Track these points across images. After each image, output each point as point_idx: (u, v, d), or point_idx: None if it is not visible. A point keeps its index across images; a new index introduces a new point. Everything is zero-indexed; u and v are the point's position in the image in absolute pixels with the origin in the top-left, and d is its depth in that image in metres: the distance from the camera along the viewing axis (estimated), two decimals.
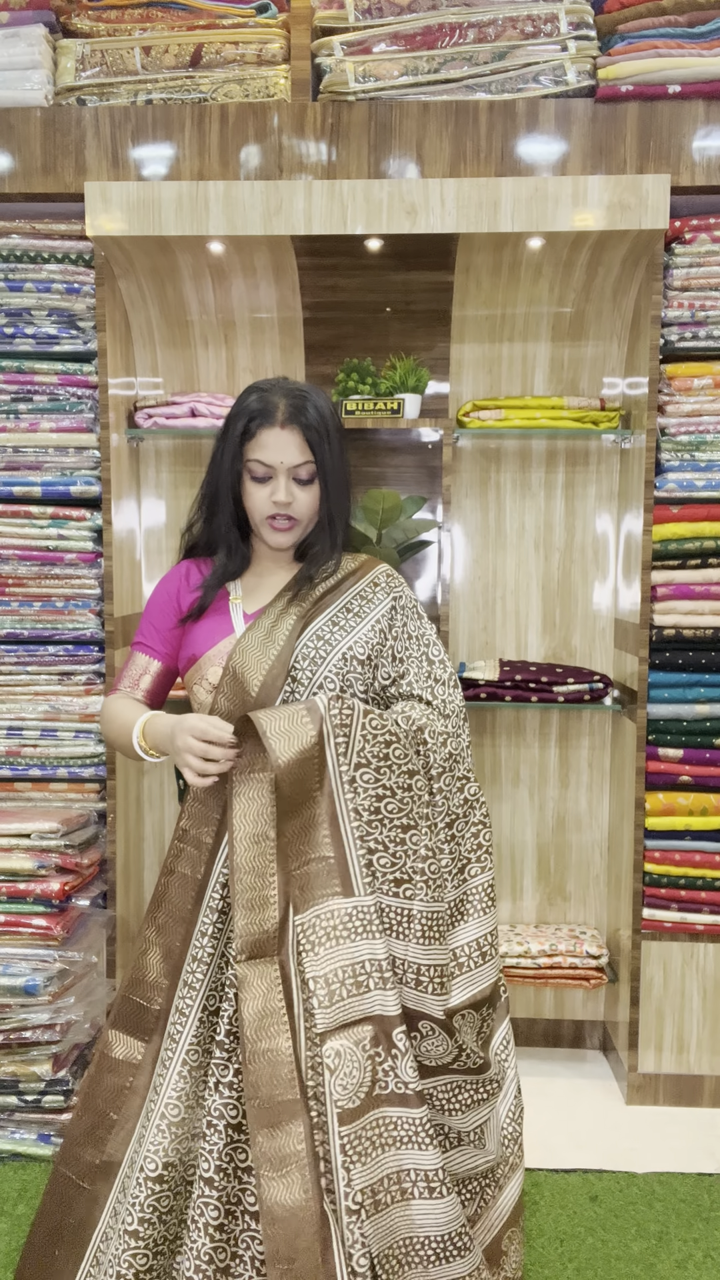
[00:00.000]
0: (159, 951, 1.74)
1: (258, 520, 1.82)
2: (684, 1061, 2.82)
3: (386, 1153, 1.57)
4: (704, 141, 2.60)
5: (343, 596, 1.83)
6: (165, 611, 1.89)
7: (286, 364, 3.04)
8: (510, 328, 3.02)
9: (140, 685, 1.90)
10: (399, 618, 1.84)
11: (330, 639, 1.78)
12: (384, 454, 3.10)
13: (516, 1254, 1.82)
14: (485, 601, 3.12)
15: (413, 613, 1.87)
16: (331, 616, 1.80)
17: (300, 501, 1.80)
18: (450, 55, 2.66)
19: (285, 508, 1.79)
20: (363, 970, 1.59)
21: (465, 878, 1.76)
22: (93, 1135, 1.74)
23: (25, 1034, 2.48)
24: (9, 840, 2.56)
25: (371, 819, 1.64)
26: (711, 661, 2.73)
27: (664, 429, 2.73)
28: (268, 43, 2.69)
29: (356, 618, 1.81)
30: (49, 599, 2.81)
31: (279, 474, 1.79)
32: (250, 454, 1.79)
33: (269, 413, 1.78)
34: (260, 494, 1.80)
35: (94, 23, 2.74)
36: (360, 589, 1.84)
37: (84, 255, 2.73)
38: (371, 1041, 1.57)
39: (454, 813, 1.75)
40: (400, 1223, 1.58)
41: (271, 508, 1.79)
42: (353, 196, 2.59)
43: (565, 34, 2.64)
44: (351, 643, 1.78)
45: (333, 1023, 1.55)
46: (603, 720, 3.08)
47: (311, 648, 1.77)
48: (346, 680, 1.77)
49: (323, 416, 1.81)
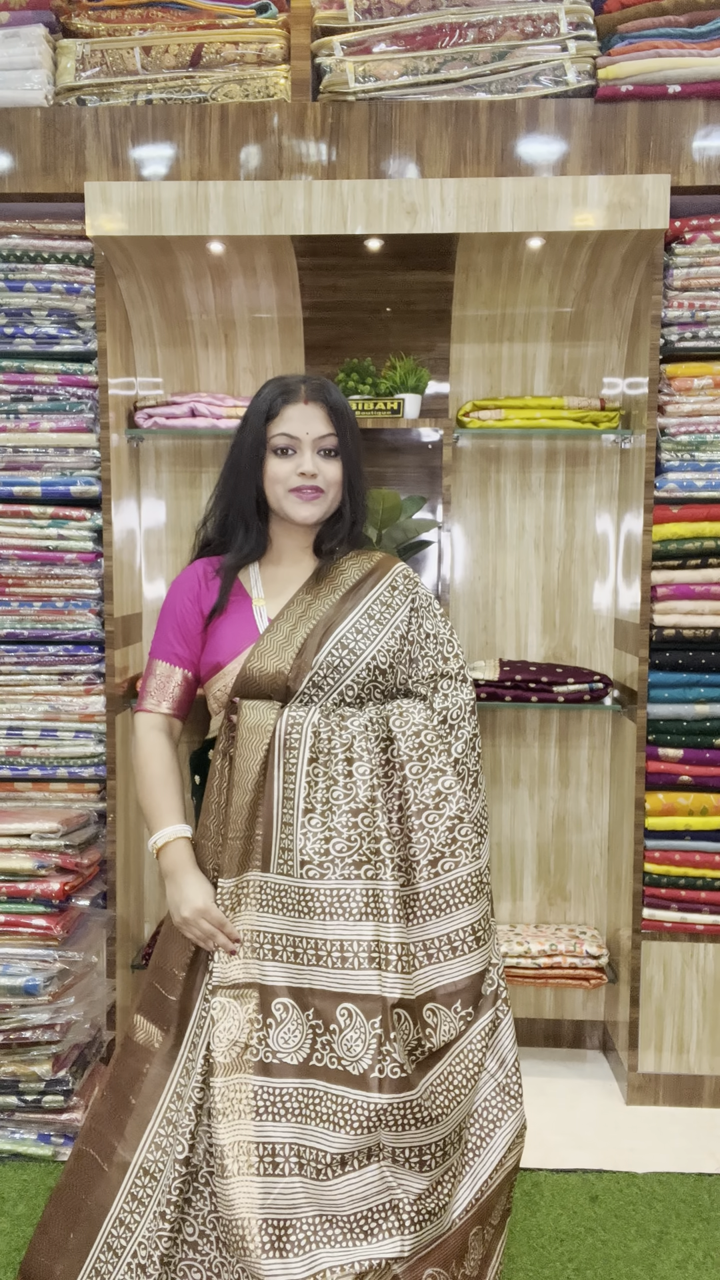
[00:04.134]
0: (179, 941, 1.77)
1: (280, 495, 1.82)
2: (684, 1061, 2.82)
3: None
4: (704, 141, 2.60)
5: (364, 601, 1.84)
6: (188, 614, 1.87)
7: (286, 364, 3.04)
8: (510, 328, 3.02)
9: (168, 695, 1.87)
10: (416, 620, 1.86)
11: (355, 648, 1.80)
12: (384, 454, 3.10)
13: (481, 1256, 1.74)
14: (485, 601, 3.12)
15: (428, 612, 1.89)
16: (355, 624, 1.81)
17: (325, 473, 1.82)
18: (450, 55, 2.66)
19: (312, 479, 1.80)
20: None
21: (438, 871, 1.73)
22: (115, 1118, 1.77)
23: (25, 1034, 2.48)
24: (9, 840, 2.56)
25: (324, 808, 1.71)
26: (711, 661, 2.73)
27: (664, 429, 2.73)
28: (268, 43, 2.69)
29: (379, 624, 1.83)
30: (49, 599, 2.81)
31: (304, 446, 1.81)
32: (274, 430, 1.81)
33: (292, 391, 1.82)
34: (284, 467, 1.81)
35: (94, 23, 2.74)
36: (380, 594, 1.86)
37: (84, 255, 2.73)
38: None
39: (424, 803, 1.74)
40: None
41: (297, 480, 1.80)
42: (353, 196, 2.59)
43: (565, 34, 2.64)
44: (375, 651, 1.80)
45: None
46: (603, 720, 3.08)
47: (336, 656, 1.78)
48: (366, 689, 1.80)
49: (344, 402, 1.85)
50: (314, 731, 1.73)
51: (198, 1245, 1.68)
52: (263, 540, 1.88)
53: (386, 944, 1.66)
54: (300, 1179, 1.61)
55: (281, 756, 1.72)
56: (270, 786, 1.72)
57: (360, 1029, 1.62)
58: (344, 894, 1.67)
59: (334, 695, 1.77)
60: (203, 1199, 1.67)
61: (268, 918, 1.71)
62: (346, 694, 1.78)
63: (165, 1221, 1.66)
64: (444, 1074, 1.69)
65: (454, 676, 1.85)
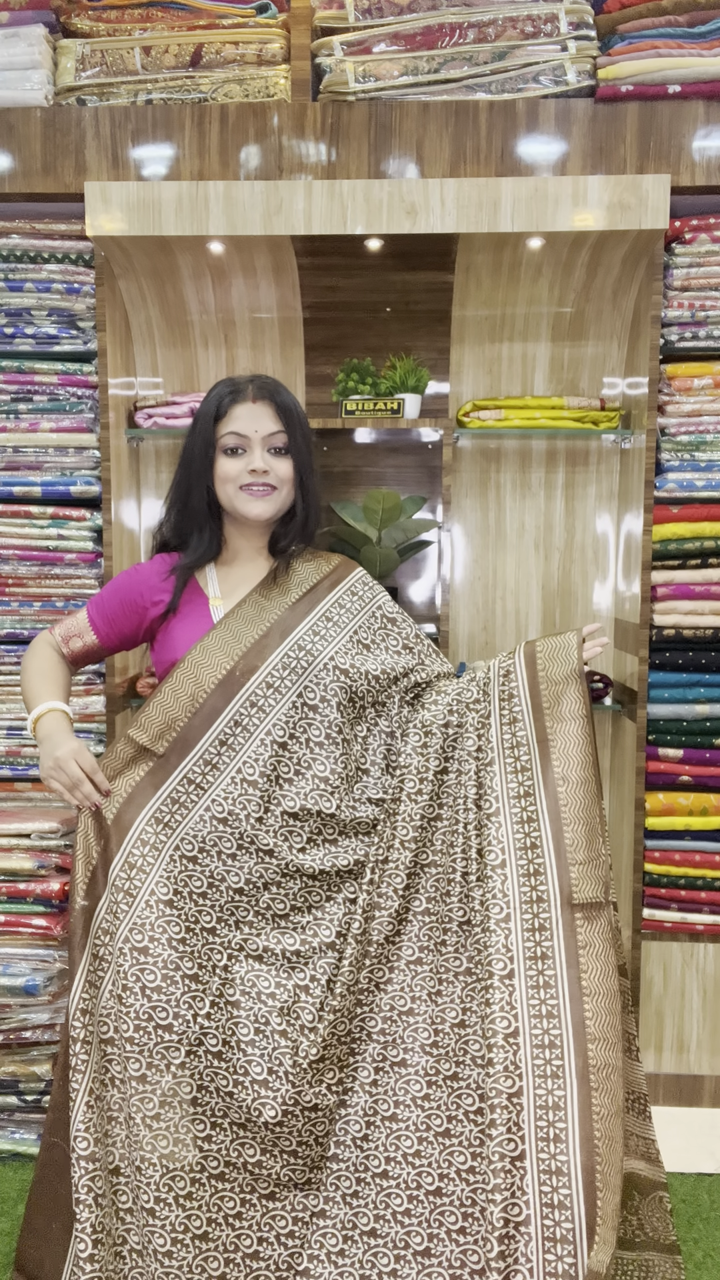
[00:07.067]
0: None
1: (232, 493, 1.84)
2: (684, 1061, 2.82)
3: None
4: (704, 141, 2.60)
5: (321, 605, 1.85)
6: (129, 601, 1.91)
7: (286, 364, 3.04)
8: (510, 328, 3.02)
9: (70, 645, 1.94)
10: (376, 624, 1.89)
11: (312, 649, 1.81)
12: (384, 454, 3.10)
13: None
14: (485, 601, 3.12)
15: (393, 614, 1.93)
16: (312, 626, 1.83)
17: (276, 471, 1.83)
18: (450, 55, 2.66)
19: (263, 475, 1.81)
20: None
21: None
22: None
23: (25, 1034, 2.48)
24: (9, 840, 2.56)
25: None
26: (711, 661, 2.73)
27: (664, 429, 2.73)
28: (268, 43, 2.69)
29: (336, 627, 1.84)
30: (49, 599, 2.81)
31: (253, 444, 1.82)
32: (223, 430, 1.83)
33: (240, 390, 1.84)
34: (234, 466, 1.83)
35: (94, 23, 2.74)
36: (339, 597, 1.87)
37: (84, 255, 2.73)
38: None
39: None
40: None
41: (247, 476, 1.82)
42: (353, 196, 2.59)
43: (565, 34, 2.64)
44: (333, 652, 1.81)
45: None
46: (603, 720, 3.08)
47: (293, 658, 1.79)
48: (327, 689, 1.80)
49: (293, 402, 1.86)
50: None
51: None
52: (216, 541, 1.91)
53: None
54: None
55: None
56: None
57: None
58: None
59: (291, 698, 1.77)
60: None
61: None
62: (306, 695, 1.79)
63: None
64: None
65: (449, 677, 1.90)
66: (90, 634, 1.93)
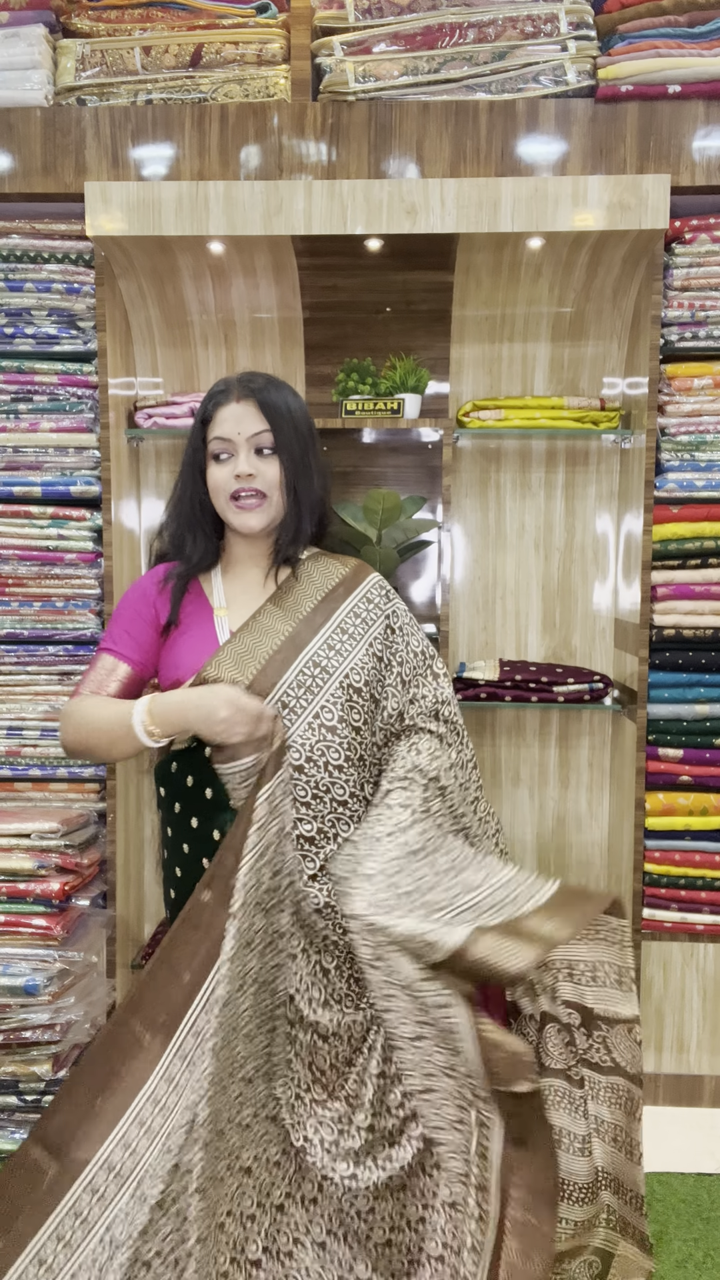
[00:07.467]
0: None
1: (223, 505, 1.75)
2: (684, 1061, 2.82)
3: None
4: (704, 141, 2.60)
5: (336, 616, 1.75)
6: (139, 614, 1.79)
7: (286, 364, 3.04)
8: (510, 328, 3.01)
9: (105, 690, 1.75)
10: (396, 639, 1.78)
11: (327, 665, 1.71)
12: (384, 454, 3.10)
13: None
14: (485, 601, 3.12)
15: (410, 630, 1.81)
16: (327, 639, 1.72)
17: (264, 474, 1.73)
18: (450, 55, 2.66)
19: (249, 480, 1.72)
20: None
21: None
22: (165, 992, 1.59)
23: (25, 1034, 2.48)
24: (9, 840, 2.56)
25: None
26: (711, 661, 2.73)
27: (664, 429, 2.73)
28: (268, 43, 2.69)
29: (352, 640, 1.74)
30: (49, 599, 2.81)
31: (239, 448, 1.72)
32: (211, 434, 1.74)
33: (225, 392, 1.75)
34: (222, 473, 1.73)
35: (94, 23, 2.74)
36: (354, 606, 1.78)
37: (84, 255, 2.73)
38: None
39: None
40: None
41: (234, 483, 1.72)
42: (353, 196, 2.59)
43: (565, 34, 2.64)
44: (348, 669, 1.72)
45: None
46: (603, 720, 3.08)
47: (309, 675, 1.69)
48: (344, 709, 1.70)
49: (282, 396, 1.75)
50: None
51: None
52: (212, 550, 1.81)
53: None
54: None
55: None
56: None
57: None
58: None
59: (307, 718, 1.68)
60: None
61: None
62: (323, 716, 1.69)
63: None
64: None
65: (450, 701, 1.80)
66: (121, 665, 1.76)
